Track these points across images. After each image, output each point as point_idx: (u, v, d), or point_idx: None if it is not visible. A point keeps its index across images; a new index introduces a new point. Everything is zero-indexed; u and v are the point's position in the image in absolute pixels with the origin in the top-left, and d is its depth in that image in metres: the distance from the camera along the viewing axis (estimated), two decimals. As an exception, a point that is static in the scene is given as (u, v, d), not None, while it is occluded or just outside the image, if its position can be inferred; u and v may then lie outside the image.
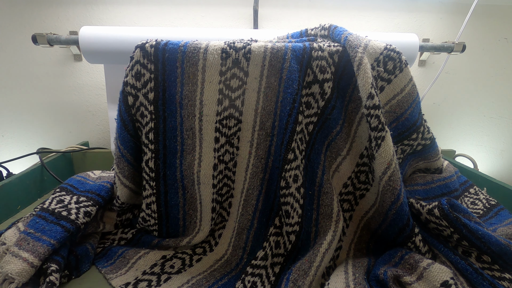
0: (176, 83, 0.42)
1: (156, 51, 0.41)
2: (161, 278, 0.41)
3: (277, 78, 0.42)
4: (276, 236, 0.45)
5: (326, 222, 0.44)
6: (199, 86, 0.42)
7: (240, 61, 0.42)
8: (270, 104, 0.43)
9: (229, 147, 0.45)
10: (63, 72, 0.81)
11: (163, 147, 0.44)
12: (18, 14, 0.75)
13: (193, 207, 0.48)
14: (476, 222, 0.41)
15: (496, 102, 0.93)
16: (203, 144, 0.44)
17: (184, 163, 0.45)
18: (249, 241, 0.47)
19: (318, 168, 0.45)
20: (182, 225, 0.49)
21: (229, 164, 0.46)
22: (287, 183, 0.43)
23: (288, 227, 0.43)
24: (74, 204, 0.43)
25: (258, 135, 0.45)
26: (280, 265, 0.43)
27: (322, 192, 0.45)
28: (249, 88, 0.43)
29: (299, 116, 0.42)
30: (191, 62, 0.41)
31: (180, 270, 0.43)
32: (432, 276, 0.35)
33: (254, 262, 0.43)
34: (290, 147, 0.42)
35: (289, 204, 0.43)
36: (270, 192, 0.46)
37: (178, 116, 0.43)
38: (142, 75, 0.42)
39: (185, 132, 0.44)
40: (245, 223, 0.47)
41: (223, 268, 0.44)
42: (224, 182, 0.47)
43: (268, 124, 0.44)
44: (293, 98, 0.42)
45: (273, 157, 0.45)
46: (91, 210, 0.44)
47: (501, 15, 0.85)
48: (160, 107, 0.42)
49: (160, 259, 0.44)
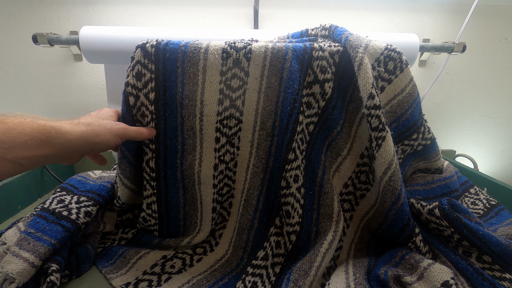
0: (177, 83, 0.42)
1: (157, 51, 0.41)
2: (162, 278, 0.41)
3: (277, 78, 0.42)
4: (277, 236, 0.45)
5: (327, 222, 0.44)
6: (200, 86, 0.42)
7: (241, 61, 0.42)
8: (271, 104, 0.43)
9: (230, 147, 0.45)
10: (64, 72, 0.80)
11: (164, 147, 0.44)
12: (18, 14, 0.75)
13: (194, 207, 0.48)
14: (476, 222, 0.41)
15: (496, 102, 0.93)
16: (203, 144, 0.44)
17: (185, 163, 0.45)
18: (250, 241, 0.47)
19: (318, 168, 0.46)
20: (182, 225, 0.49)
21: (229, 164, 0.46)
22: (288, 183, 0.43)
23: (288, 227, 0.43)
24: (74, 204, 0.43)
25: (259, 135, 0.44)
26: (281, 265, 0.43)
27: (323, 192, 0.45)
28: (249, 88, 0.43)
29: (300, 116, 0.42)
30: (191, 62, 0.41)
31: (181, 270, 0.43)
32: (432, 276, 0.35)
33: (255, 262, 0.43)
34: (290, 147, 0.42)
35: (289, 204, 0.43)
36: (270, 192, 0.46)
37: (179, 116, 0.43)
38: (143, 75, 0.42)
39: (185, 132, 0.44)
40: (246, 223, 0.47)
41: (224, 268, 0.44)
42: (225, 182, 0.47)
43: (269, 124, 0.44)
44: (294, 98, 0.42)
45: (273, 157, 0.45)
46: (92, 210, 0.44)
47: (501, 15, 0.85)
48: (161, 107, 0.42)
49: (160, 259, 0.44)
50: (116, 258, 0.43)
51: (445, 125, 0.95)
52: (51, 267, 0.36)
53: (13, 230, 0.40)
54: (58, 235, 0.38)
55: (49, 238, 0.37)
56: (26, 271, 0.34)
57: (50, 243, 0.37)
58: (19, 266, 0.33)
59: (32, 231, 0.37)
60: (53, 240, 0.37)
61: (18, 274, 0.33)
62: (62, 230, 0.39)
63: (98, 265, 0.43)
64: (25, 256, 0.34)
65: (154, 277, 0.41)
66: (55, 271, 0.36)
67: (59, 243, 0.38)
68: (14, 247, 0.35)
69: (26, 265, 0.34)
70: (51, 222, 0.39)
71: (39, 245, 0.36)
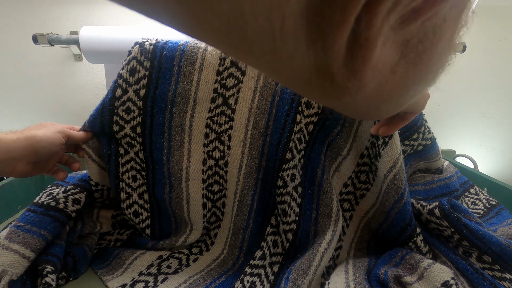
0: (171, 81, 0.42)
1: (155, 49, 0.41)
2: (158, 279, 0.41)
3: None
4: (274, 235, 0.45)
5: (326, 222, 0.44)
6: (194, 85, 0.42)
7: (239, 61, 0.42)
8: (265, 104, 0.43)
9: (219, 144, 0.45)
10: (64, 72, 0.80)
11: (149, 142, 0.44)
12: (19, 14, 0.75)
13: (180, 207, 0.47)
14: (476, 222, 0.41)
15: (496, 102, 0.93)
16: (192, 140, 0.44)
17: (172, 160, 0.45)
18: (245, 241, 0.47)
19: (318, 167, 0.46)
20: (174, 222, 0.48)
21: (219, 162, 0.46)
22: (285, 182, 0.43)
23: (285, 225, 0.43)
24: (62, 194, 0.43)
25: (251, 135, 0.44)
26: (279, 264, 0.43)
27: (322, 192, 0.45)
28: (244, 87, 0.43)
29: (298, 116, 0.42)
30: (188, 61, 0.41)
31: (177, 270, 0.43)
32: (432, 276, 0.35)
33: (253, 262, 0.43)
34: (288, 146, 0.42)
35: (286, 202, 0.43)
36: (265, 191, 0.46)
37: (168, 113, 0.43)
38: (137, 72, 0.42)
39: (173, 128, 0.43)
40: (241, 223, 0.47)
41: (220, 267, 0.44)
42: (215, 179, 0.47)
43: (262, 124, 0.44)
44: (291, 98, 0.42)
45: (266, 157, 0.44)
46: (80, 197, 0.43)
47: (501, 15, 0.85)
48: (149, 103, 0.42)
49: (156, 259, 0.44)
50: (112, 259, 0.43)
51: (445, 125, 0.95)
52: (46, 269, 0.36)
53: (8, 228, 0.40)
54: (48, 225, 0.38)
55: (38, 229, 0.37)
56: (17, 262, 0.34)
57: (39, 234, 0.37)
58: (10, 258, 0.33)
59: (21, 224, 0.37)
60: (43, 231, 0.37)
61: (9, 266, 0.33)
62: (51, 220, 0.39)
63: (93, 266, 0.42)
64: (15, 248, 0.34)
65: (151, 277, 0.41)
66: (50, 272, 0.35)
67: (50, 233, 0.38)
68: (3, 240, 0.35)
69: (17, 256, 0.34)
70: (40, 214, 0.39)
71: (29, 237, 0.36)
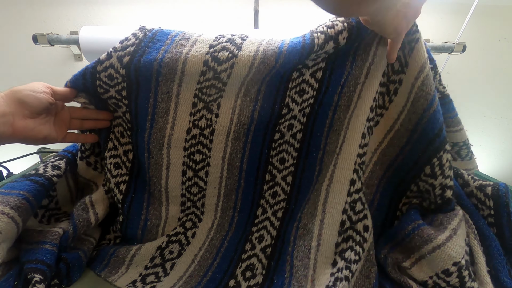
0: (159, 50, 0.41)
1: (153, 29, 0.43)
2: (166, 267, 0.41)
3: (274, 53, 0.40)
4: (271, 189, 0.47)
5: (330, 158, 0.44)
6: (183, 55, 0.41)
7: (234, 39, 0.42)
8: (260, 75, 0.42)
9: (207, 113, 0.44)
10: (64, 72, 0.80)
11: (134, 106, 0.43)
12: (19, 14, 0.75)
13: (158, 173, 0.46)
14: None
15: (496, 102, 0.93)
16: (178, 108, 0.43)
17: (155, 126, 0.44)
18: (239, 200, 0.48)
19: (329, 109, 0.45)
20: (148, 190, 0.47)
21: (205, 131, 0.44)
22: (282, 133, 0.45)
23: (284, 171, 0.45)
24: (42, 164, 0.45)
25: (242, 102, 0.43)
26: (284, 209, 0.45)
27: (331, 131, 0.45)
28: (239, 61, 0.41)
29: (294, 74, 0.43)
30: (185, 37, 0.42)
31: (180, 252, 0.43)
32: (436, 260, 0.35)
33: (256, 220, 0.45)
34: (284, 103, 0.43)
35: (284, 150, 0.45)
36: (254, 153, 0.46)
37: (154, 81, 0.42)
38: (127, 40, 0.42)
39: (159, 95, 0.42)
40: (233, 184, 0.47)
41: (219, 233, 0.45)
42: (198, 149, 0.45)
43: (254, 90, 0.43)
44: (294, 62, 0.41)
45: (256, 122, 0.44)
46: (59, 164, 0.45)
47: (501, 15, 0.85)
48: (132, 72, 0.41)
49: (156, 250, 0.44)
50: (109, 258, 0.43)
51: (445, 125, 0.95)
52: (34, 278, 0.34)
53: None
54: (27, 186, 0.39)
55: (17, 190, 0.38)
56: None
57: (19, 194, 0.37)
58: None
59: (1, 190, 0.38)
60: (22, 191, 0.38)
61: None
62: (30, 183, 0.40)
63: (93, 269, 0.41)
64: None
65: (158, 268, 0.41)
66: (39, 282, 0.34)
67: (30, 193, 0.38)
68: None
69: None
70: (21, 181, 0.40)
71: (8, 197, 0.37)
